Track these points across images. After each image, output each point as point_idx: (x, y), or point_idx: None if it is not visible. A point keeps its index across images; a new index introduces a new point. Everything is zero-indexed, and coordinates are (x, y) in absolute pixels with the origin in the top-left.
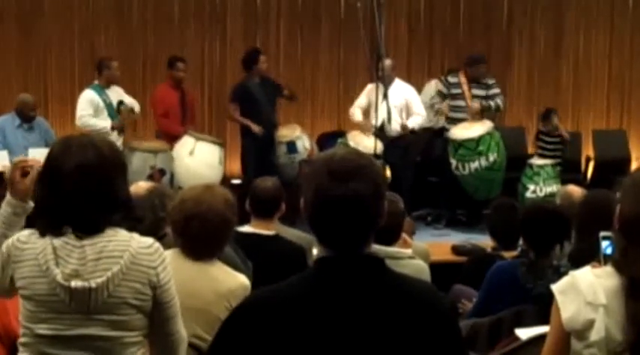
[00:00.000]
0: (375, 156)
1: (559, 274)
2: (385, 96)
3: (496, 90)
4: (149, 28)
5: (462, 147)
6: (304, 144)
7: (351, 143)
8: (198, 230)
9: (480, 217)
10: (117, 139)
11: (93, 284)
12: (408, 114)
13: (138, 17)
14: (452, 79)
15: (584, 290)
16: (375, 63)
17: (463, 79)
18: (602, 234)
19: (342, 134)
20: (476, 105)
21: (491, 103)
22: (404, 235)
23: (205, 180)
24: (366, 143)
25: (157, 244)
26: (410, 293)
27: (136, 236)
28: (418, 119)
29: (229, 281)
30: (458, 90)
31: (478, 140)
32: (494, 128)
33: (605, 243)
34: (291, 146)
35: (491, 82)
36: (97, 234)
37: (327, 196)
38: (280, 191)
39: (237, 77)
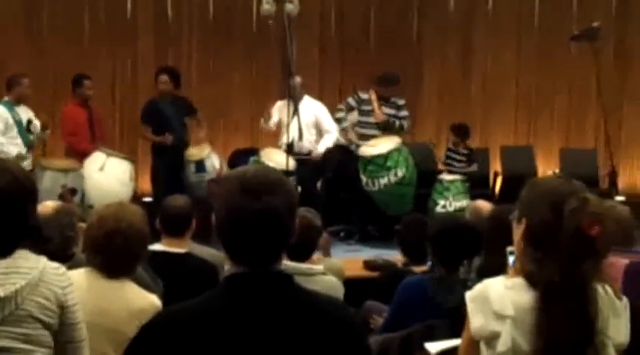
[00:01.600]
0: (287, 172)
1: (468, 288)
2: (296, 112)
3: (405, 113)
4: (59, 46)
5: (371, 164)
6: (213, 163)
7: (264, 160)
8: (120, 246)
9: (392, 233)
10: (27, 158)
11: (1, 293)
12: (319, 131)
13: (48, 34)
14: (363, 96)
15: (492, 300)
16: (285, 80)
17: (374, 97)
18: (510, 248)
19: (255, 151)
20: (383, 116)
21: (397, 122)
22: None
23: (116, 197)
24: (278, 160)
25: (63, 268)
26: (319, 310)
27: (44, 259)
28: (329, 138)
29: (141, 300)
30: (368, 107)
31: (386, 156)
32: (402, 144)
33: (512, 258)
34: (200, 165)
35: (401, 102)
36: (6, 257)
37: (240, 212)
38: (191, 209)
39: (149, 95)
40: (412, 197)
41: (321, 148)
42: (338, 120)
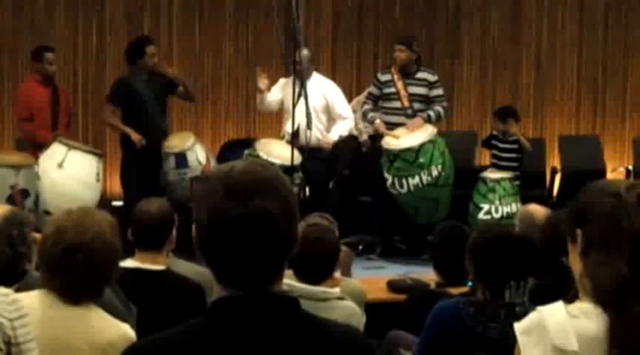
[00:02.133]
0: (291, 169)
1: (515, 316)
2: (303, 94)
3: (439, 91)
4: (5, 10)
5: (398, 159)
6: (197, 156)
7: (262, 154)
8: (83, 265)
9: (422, 245)
10: None
11: None
12: (330, 118)
13: None
14: (383, 77)
15: (552, 332)
16: (290, 53)
17: (397, 74)
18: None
19: (250, 142)
20: (419, 121)
21: (431, 113)
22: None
23: (79, 201)
24: (279, 153)
25: (16, 296)
26: (330, 344)
27: None
28: (344, 125)
29: (109, 331)
30: (391, 89)
31: (418, 150)
32: (437, 134)
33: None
34: (181, 159)
35: (432, 78)
36: None
37: (223, 218)
38: (170, 215)
39: (119, 72)
40: (449, 201)
41: (332, 136)
42: (364, 114)
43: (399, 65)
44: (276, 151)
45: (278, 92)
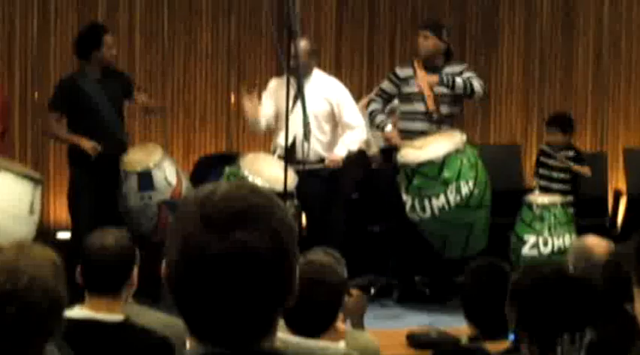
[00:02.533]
0: (285, 193)
1: None
2: (300, 97)
3: (470, 73)
4: None
5: (418, 175)
6: (166, 175)
7: (247, 173)
8: (15, 318)
9: (451, 288)
10: None
11: None
12: (334, 127)
13: None
14: (403, 72)
15: None
16: (284, 46)
17: (420, 72)
18: None
19: (232, 158)
20: (434, 78)
21: (457, 80)
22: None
23: (7, 237)
24: (269, 172)
25: None
26: None
27: None
28: (354, 136)
29: None
30: (412, 89)
31: (442, 162)
32: (466, 144)
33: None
34: (146, 179)
35: (461, 67)
36: None
37: (199, 255)
38: (130, 251)
39: (66, 69)
40: (484, 229)
41: (339, 152)
42: (371, 117)
43: (423, 56)
44: (266, 171)
45: (269, 102)
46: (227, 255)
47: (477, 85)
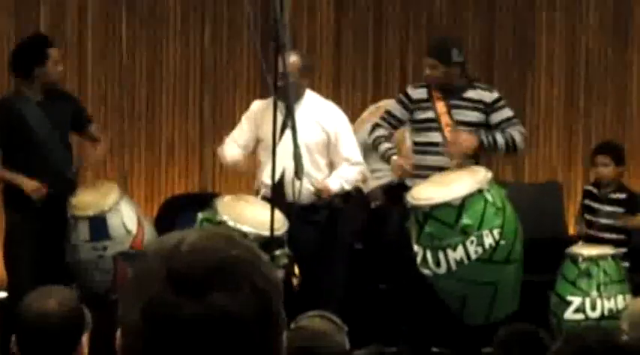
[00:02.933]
0: (271, 242)
1: None
2: (289, 124)
3: (504, 113)
4: None
5: (431, 221)
6: (124, 221)
7: (226, 218)
8: None
9: None
10: None
11: None
12: (331, 159)
13: None
14: (416, 93)
15: None
16: (270, 61)
17: (436, 92)
18: None
19: (206, 200)
20: (467, 138)
21: (498, 137)
22: None
23: None
24: (252, 217)
25: None
26: None
27: None
28: (350, 172)
29: None
30: (428, 114)
31: (461, 205)
32: (492, 181)
33: None
34: (99, 226)
35: (492, 96)
36: None
37: (165, 321)
38: (78, 315)
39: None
40: (514, 289)
41: (332, 184)
42: (375, 144)
43: (456, 82)
44: (248, 214)
45: (249, 127)
46: (201, 322)
47: (519, 139)
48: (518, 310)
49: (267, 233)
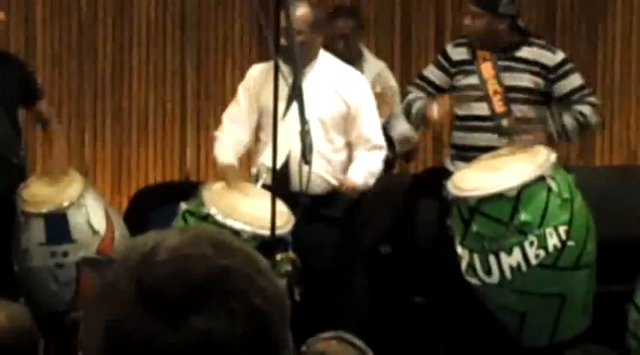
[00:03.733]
0: (272, 244)
1: None
2: (296, 94)
3: (572, 80)
4: None
5: (480, 217)
6: (89, 218)
7: (214, 211)
8: None
9: None
10: None
11: None
12: (348, 141)
13: None
14: (457, 52)
15: None
16: (270, 14)
17: (482, 51)
18: None
19: (188, 189)
20: (537, 134)
21: (566, 121)
22: None
23: None
24: (248, 211)
25: None
26: None
27: None
28: (375, 159)
29: None
30: (470, 79)
31: (517, 197)
32: (557, 166)
33: None
34: (57, 225)
35: (555, 58)
36: None
37: (134, 351)
38: (30, 336)
39: None
40: (585, 302)
41: (356, 176)
42: (408, 104)
43: (474, 39)
44: (242, 207)
45: (247, 102)
46: (181, 351)
47: (589, 113)
48: (590, 328)
49: (266, 231)
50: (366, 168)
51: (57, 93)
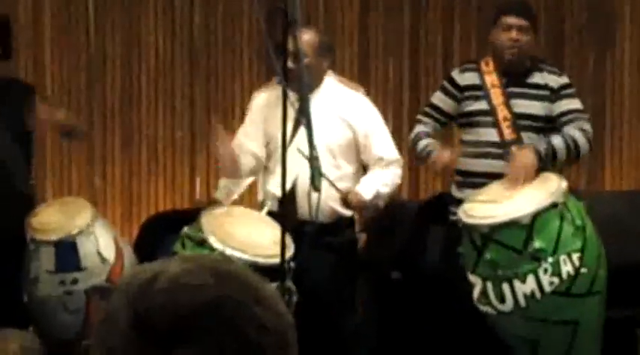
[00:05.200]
0: (281, 274)
1: None
2: (303, 120)
3: (571, 103)
4: None
5: (493, 245)
6: (99, 247)
7: (212, 239)
8: None
9: None
10: None
11: None
12: (359, 169)
13: None
14: (464, 78)
15: None
16: (278, 39)
17: (490, 76)
18: None
19: (190, 217)
20: (526, 157)
21: (555, 142)
22: None
23: None
24: (245, 236)
25: None
26: None
27: None
28: (388, 174)
29: None
30: (480, 104)
31: (531, 224)
32: (568, 192)
33: None
34: (66, 253)
35: (560, 81)
36: None
37: None
38: None
39: None
40: (598, 327)
41: (365, 191)
42: (414, 141)
43: (508, 61)
44: (239, 234)
45: (255, 129)
46: None
47: (581, 141)
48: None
49: (261, 260)
50: (378, 181)
51: None
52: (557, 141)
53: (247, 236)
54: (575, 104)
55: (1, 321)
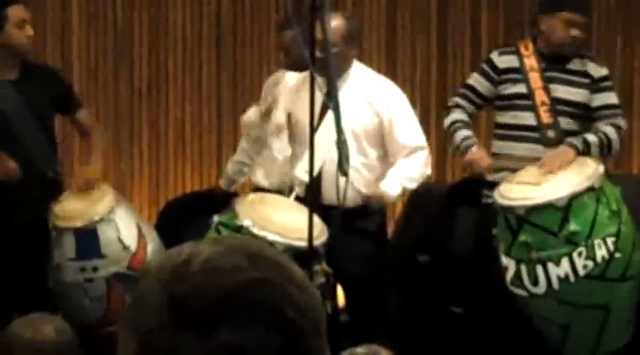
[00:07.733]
0: (309, 256)
1: None
2: (331, 105)
3: (608, 97)
4: None
5: (529, 227)
6: (120, 234)
7: (247, 223)
8: None
9: None
10: None
11: None
12: (384, 152)
13: None
14: (503, 60)
15: None
16: (304, 25)
17: (529, 59)
18: None
19: (223, 200)
20: (564, 153)
21: (590, 139)
22: None
23: None
24: (282, 222)
25: None
26: None
27: None
28: (414, 164)
29: None
30: (518, 88)
31: (567, 207)
32: (605, 176)
33: None
34: (87, 240)
35: (600, 72)
36: None
37: None
38: (74, 347)
39: None
40: (630, 313)
41: (391, 188)
42: (451, 130)
43: (558, 49)
44: (276, 219)
45: (278, 108)
46: None
47: (615, 138)
48: (632, 341)
49: (299, 243)
50: (403, 176)
51: (93, 106)
52: (591, 138)
53: (284, 221)
54: (612, 98)
55: (31, 305)
